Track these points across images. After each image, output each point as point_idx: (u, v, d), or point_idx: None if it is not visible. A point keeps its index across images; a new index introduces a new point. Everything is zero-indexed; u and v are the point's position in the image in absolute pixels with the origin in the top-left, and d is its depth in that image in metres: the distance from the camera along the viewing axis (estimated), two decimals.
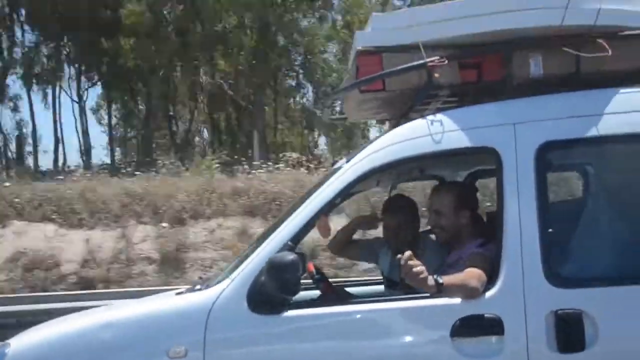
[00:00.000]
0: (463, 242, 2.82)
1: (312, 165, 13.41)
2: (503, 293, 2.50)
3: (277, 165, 12.84)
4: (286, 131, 35.33)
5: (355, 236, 3.63)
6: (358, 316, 2.61)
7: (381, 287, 3.43)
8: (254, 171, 12.18)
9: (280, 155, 15.46)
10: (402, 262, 2.39)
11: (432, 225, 2.98)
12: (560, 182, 3.38)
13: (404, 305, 2.59)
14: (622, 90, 2.66)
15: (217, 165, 12.68)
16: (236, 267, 2.67)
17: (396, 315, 2.58)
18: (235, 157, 15.51)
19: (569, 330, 2.45)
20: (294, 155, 16.14)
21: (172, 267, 9.68)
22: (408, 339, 2.56)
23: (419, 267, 2.41)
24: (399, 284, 2.58)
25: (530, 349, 2.47)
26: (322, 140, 35.11)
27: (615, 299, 2.50)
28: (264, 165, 12.73)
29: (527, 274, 2.50)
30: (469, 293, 2.51)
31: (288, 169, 12.60)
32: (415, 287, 2.49)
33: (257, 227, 9.74)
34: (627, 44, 2.67)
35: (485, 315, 2.49)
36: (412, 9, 3.05)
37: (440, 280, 2.46)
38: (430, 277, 2.44)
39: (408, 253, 2.42)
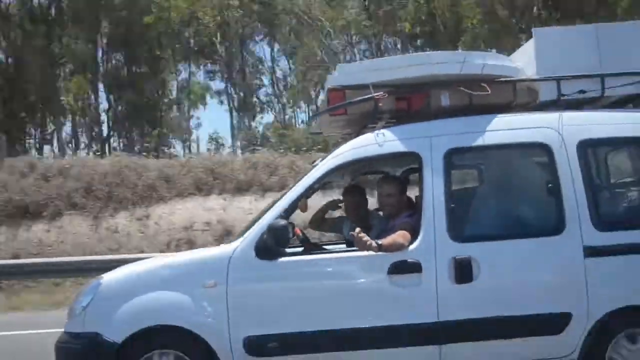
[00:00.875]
0: (398, 215, 4.16)
1: None
2: (421, 246, 3.85)
3: None
4: None
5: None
6: (327, 262, 3.96)
7: (344, 245, 4.78)
8: None
9: None
10: (355, 236, 3.69)
11: (384, 204, 4.26)
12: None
13: (357, 255, 3.85)
14: (498, 116, 4.06)
15: None
16: (248, 228, 3.99)
17: (352, 261, 3.89)
18: None
19: (462, 269, 3.80)
20: None
21: None
22: (360, 276, 3.88)
23: (364, 238, 3.68)
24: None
25: (438, 281, 3.82)
26: None
27: (491, 249, 3.88)
28: None
29: (437, 234, 3.85)
30: (398, 248, 3.83)
31: None
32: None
33: None
34: (501, 86, 4.10)
35: (410, 260, 3.82)
36: (365, 61, 4.39)
37: (380, 243, 3.75)
38: (373, 242, 3.70)
39: (357, 229, 3.71)
